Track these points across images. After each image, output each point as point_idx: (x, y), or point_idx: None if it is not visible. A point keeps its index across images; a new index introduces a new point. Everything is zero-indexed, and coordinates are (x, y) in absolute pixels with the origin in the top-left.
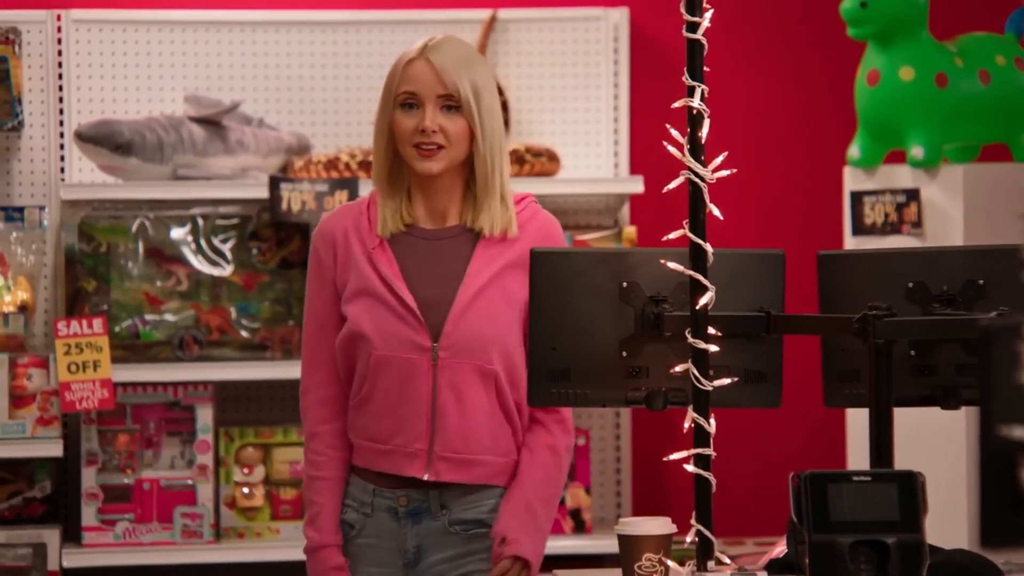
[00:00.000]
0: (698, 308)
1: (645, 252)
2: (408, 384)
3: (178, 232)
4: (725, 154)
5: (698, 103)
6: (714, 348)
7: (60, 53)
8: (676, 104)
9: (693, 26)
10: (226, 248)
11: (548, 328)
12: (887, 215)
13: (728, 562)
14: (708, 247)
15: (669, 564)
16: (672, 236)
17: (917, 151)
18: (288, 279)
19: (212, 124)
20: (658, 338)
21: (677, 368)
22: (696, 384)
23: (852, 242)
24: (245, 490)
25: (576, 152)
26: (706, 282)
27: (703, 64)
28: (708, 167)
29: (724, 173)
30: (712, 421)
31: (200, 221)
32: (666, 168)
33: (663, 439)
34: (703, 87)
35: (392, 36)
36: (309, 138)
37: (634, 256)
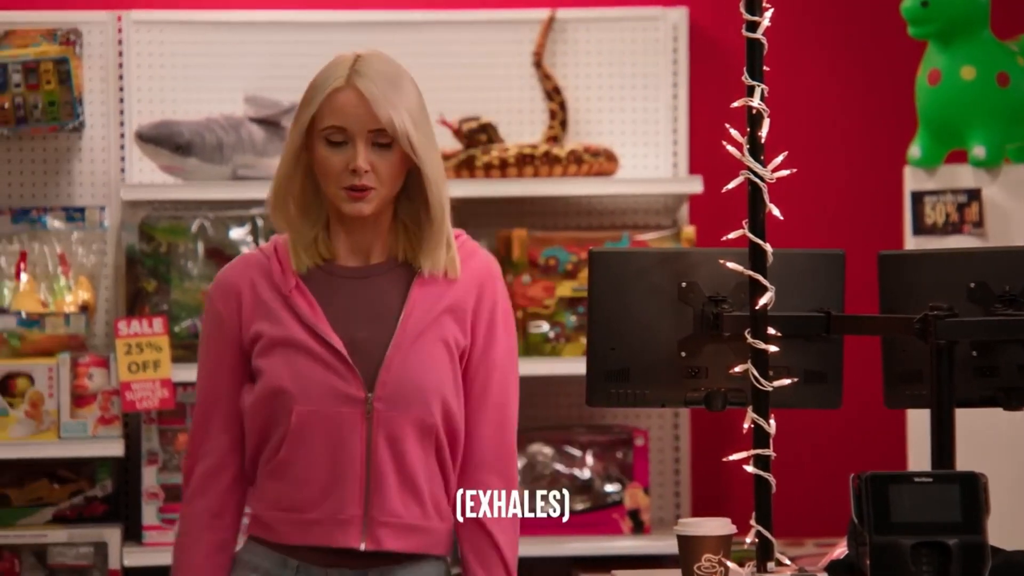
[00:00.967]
0: (757, 308)
1: (704, 252)
2: (338, 442)
3: (237, 232)
4: (785, 154)
5: (758, 103)
6: (773, 348)
7: (120, 54)
8: (735, 104)
9: (753, 25)
10: None
11: (607, 328)
12: (948, 215)
13: (788, 563)
14: (768, 247)
15: (729, 565)
16: (731, 236)
17: (979, 151)
18: None
19: (271, 124)
20: (717, 338)
21: (736, 368)
22: (755, 384)
23: (913, 242)
24: None
25: (635, 152)
26: (765, 282)
27: (763, 63)
28: (768, 167)
29: (783, 173)
30: (772, 422)
31: (259, 221)
32: (725, 168)
33: (722, 439)
34: (763, 86)
35: (457, 36)
36: None
37: (693, 256)
